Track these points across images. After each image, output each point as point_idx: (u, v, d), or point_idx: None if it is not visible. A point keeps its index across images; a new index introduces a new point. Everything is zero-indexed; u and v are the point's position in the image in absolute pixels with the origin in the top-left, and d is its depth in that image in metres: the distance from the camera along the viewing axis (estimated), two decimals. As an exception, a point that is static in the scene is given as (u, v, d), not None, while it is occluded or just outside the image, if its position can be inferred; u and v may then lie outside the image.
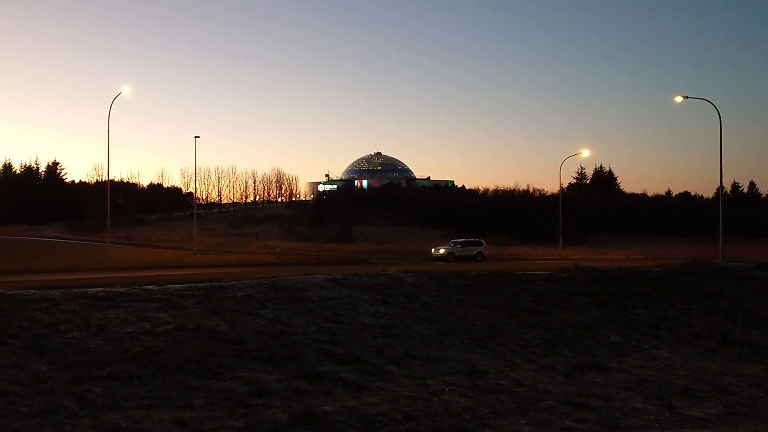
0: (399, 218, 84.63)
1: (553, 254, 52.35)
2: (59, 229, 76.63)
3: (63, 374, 10.40)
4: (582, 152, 62.59)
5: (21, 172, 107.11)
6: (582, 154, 63.07)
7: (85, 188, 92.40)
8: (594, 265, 30.36)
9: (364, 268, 27.15)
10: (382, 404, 10.21)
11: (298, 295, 17.28)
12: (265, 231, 70.54)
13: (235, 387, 10.62)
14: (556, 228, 55.40)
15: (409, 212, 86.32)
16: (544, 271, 27.71)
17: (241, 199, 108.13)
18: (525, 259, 46.67)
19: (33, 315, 13.22)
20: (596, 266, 29.75)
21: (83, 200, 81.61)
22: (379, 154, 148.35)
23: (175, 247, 53.10)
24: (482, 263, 39.08)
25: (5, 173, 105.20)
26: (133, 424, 8.51)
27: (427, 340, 15.73)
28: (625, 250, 60.05)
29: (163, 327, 13.30)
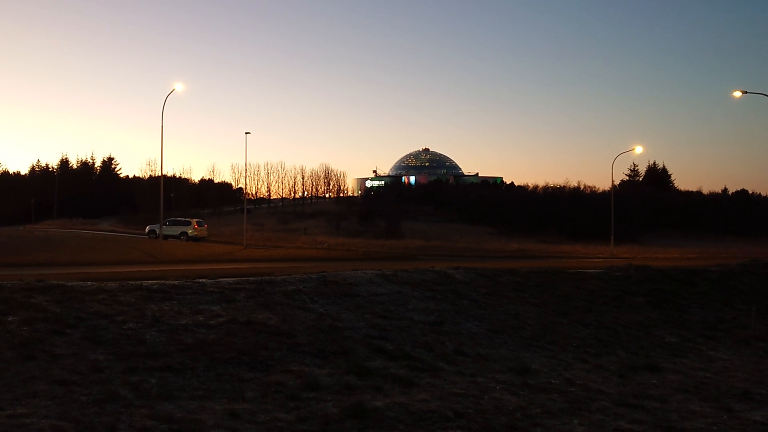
0: (447, 215, 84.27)
1: (604, 252, 51.43)
2: (114, 223, 78.46)
3: (119, 364, 10.60)
4: (635, 149, 61.32)
5: (78, 167, 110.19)
6: (635, 150, 61.79)
7: (139, 183, 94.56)
8: (648, 264, 29.69)
9: (413, 264, 27.12)
10: (433, 401, 10.13)
11: (347, 290, 17.31)
12: (314, 226, 71.01)
13: (286, 380, 10.67)
14: (607, 226, 54.41)
15: (457, 209, 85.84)
16: (596, 270, 27.23)
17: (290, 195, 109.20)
18: (575, 257, 45.99)
19: (91, 306, 13.52)
20: (650, 265, 29.08)
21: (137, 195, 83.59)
22: (426, 150, 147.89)
23: (225, 241, 53.88)
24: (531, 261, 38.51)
25: (62, 168, 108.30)
26: (187, 415, 8.61)
27: (477, 338, 15.59)
28: (679, 249, 58.62)
29: (216, 320, 13.47)
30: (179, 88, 39.51)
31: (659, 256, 48.07)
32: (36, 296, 13.75)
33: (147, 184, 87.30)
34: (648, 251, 55.60)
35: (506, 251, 50.45)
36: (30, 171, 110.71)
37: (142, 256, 35.60)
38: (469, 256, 43.92)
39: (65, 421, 7.95)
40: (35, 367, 10.05)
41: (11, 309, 12.69)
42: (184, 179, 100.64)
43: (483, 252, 48.57)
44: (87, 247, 39.90)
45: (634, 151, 62.85)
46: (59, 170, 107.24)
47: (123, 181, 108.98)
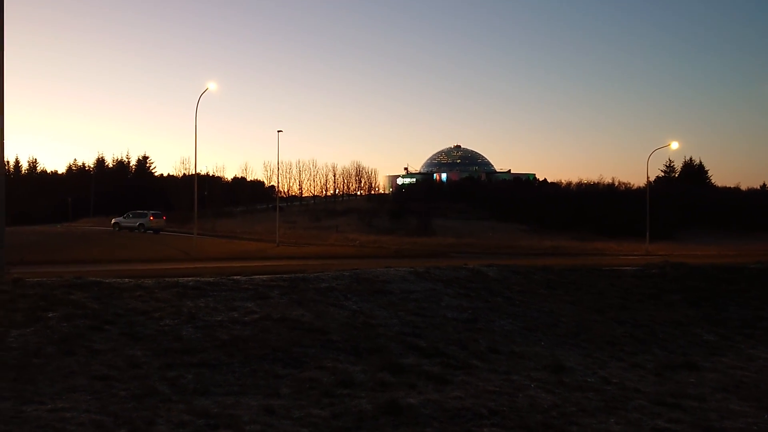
0: (479, 212, 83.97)
1: (639, 250, 50.76)
2: (149, 221, 79.46)
3: (157, 360, 10.74)
4: (671, 144, 60.44)
5: (113, 166, 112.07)
6: (671, 146, 60.88)
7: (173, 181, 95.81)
8: (684, 261, 29.21)
9: (445, 261, 27.04)
10: (467, 398, 10.08)
11: (380, 288, 17.32)
12: (345, 224, 71.29)
13: (320, 377, 10.70)
14: (642, 223, 53.72)
15: (489, 206, 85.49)
16: (631, 267, 26.87)
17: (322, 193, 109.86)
18: (610, 255, 45.48)
19: (128, 303, 13.73)
20: (687, 262, 28.61)
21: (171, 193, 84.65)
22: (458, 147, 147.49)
23: (258, 238, 54.39)
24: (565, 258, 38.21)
25: (98, 167, 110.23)
26: (224, 410, 8.69)
27: (511, 335, 15.49)
28: (717, 246, 57.60)
29: (251, 316, 13.58)
30: (212, 87, 39.96)
31: (696, 254, 47.21)
32: (75, 293, 14.00)
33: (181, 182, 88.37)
34: (684, 248, 54.74)
35: (539, 249, 50.09)
36: (67, 170, 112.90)
37: (176, 253, 36.07)
38: (502, 253, 43.65)
39: (105, 415, 8.08)
40: (75, 363, 10.23)
41: (51, 305, 12.95)
42: (217, 177, 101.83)
43: (516, 249, 48.29)
44: (122, 245, 40.55)
45: (669, 147, 61.93)
46: (95, 169, 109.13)
47: (157, 179, 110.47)
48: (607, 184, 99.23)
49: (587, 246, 54.13)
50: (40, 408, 8.17)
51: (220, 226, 68.17)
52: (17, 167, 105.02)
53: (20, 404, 8.28)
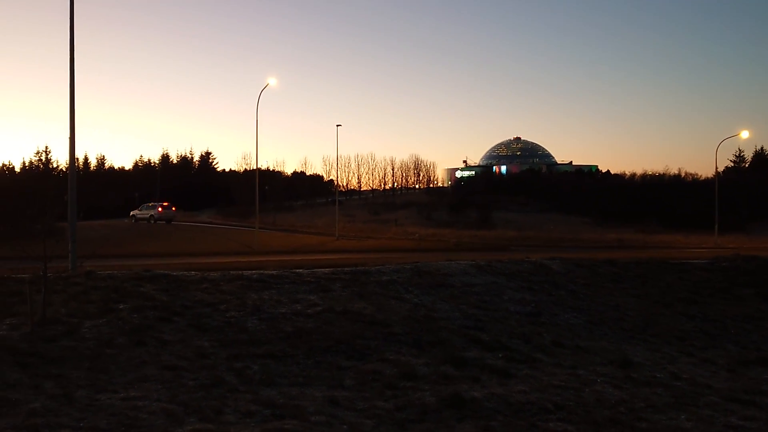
0: (539, 204, 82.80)
1: (707, 242, 49.14)
2: (212, 215, 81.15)
3: (224, 351, 10.96)
4: (740, 133, 58.29)
5: (177, 162, 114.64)
6: (741, 135, 58.67)
7: (235, 176, 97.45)
8: (756, 255, 28.14)
9: (506, 254, 26.76)
10: (531, 392, 9.94)
11: (441, 281, 17.26)
12: (404, 217, 71.30)
13: (383, 369, 10.73)
14: (710, 215, 51.99)
15: (551, 198, 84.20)
16: (699, 260, 26.04)
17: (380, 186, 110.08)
18: (676, 248, 44.17)
19: (195, 295, 14.04)
20: (759, 255, 27.56)
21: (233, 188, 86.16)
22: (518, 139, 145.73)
23: (318, 232, 54.87)
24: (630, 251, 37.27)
25: (163, 163, 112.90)
26: (289, 401, 8.79)
27: (575, 329, 15.23)
28: (792, 239, 55.26)
29: (314, 309, 13.71)
30: (273, 83, 40.40)
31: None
32: (144, 285, 14.40)
33: (242, 177, 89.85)
34: (756, 241, 52.66)
35: (602, 241, 49.04)
36: (133, 166, 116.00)
37: (239, 246, 36.66)
38: (564, 246, 42.93)
39: (175, 404, 8.27)
40: (145, 353, 10.51)
41: (122, 297, 13.35)
42: (277, 172, 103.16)
43: (578, 242, 47.40)
44: (187, 238, 41.46)
45: (739, 136, 59.71)
46: (160, 165, 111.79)
47: (220, 174, 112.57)
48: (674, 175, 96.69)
49: (653, 239, 52.70)
50: (113, 396, 8.43)
51: (281, 220, 69.06)
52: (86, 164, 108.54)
53: (94, 393, 8.56)
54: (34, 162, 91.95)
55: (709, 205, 52.90)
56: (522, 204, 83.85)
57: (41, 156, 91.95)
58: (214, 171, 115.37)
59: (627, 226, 62.56)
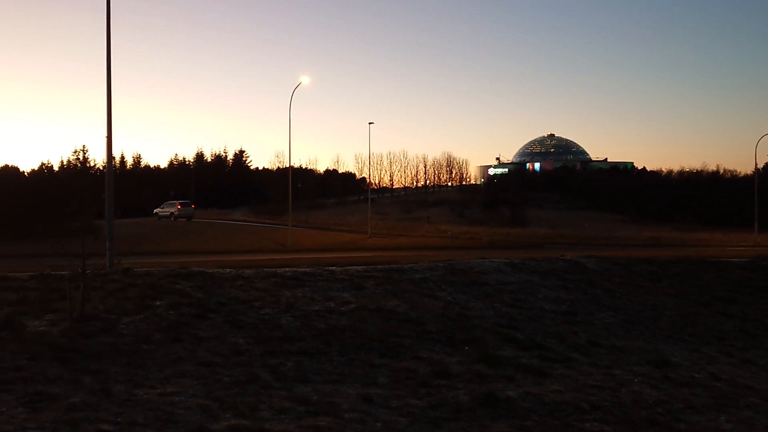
0: (574, 202, 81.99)
1: (747, 241, 48.11)
2: (245, 213, 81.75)
3: (258, 348, 11.03)
4: (782, 129, 56.95)
5: (212, 161, 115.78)
6: (782, 130, 57.36)
7: (268, 174, 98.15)
8: (799, 253, 27.52)
9: (540, 252, 26.54)
10: (567, 392, 9.84)
11: (474, 279, 17.17)
12: (436, 215, 71.12)
13: (416, 367, 10.71)
14: (750, 212, 50.97)
15: (585, 195, 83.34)
16: (739, 259, 25.51)
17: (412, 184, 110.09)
18: (715, 246, 43.30)
19: (230, 292, 14.17)
20: (802, 254, 26.95)
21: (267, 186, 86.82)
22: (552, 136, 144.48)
23: (350, 230, 54.96)
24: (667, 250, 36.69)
25: (198, 162, 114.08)
26: (323, 398, 8.81)
27: (611, 329, 15.03)
28: (834, 237, 53.85)
29: (347, 306, 13.74)
30: (305, 81, 40.58)
31: (811, 245, 44.33)
32: (180, 282, 14.57)
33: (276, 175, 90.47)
34: (798, 239, 51.52)
35: (638, 239, 48.32)
36: (169, 164, 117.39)
37: (272, 244, 36.90)
38: (599, 244, 42.39)
39: (210, 400, 8.35)
40: (181, 349, 10.63)
41: (159, 294, 13.52)
42: (310, 170, 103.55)
43: (613, 240, 46.78)
44: (222, 236, 41.85)
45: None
46: (195, 163, 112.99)
47: (253, 172, 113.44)
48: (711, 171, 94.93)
49: (690, 236, 51.78)
50: (150, 392, 8.53)
51: (313, 217, 69.35)
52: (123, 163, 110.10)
53: (132, 388, 8.68)
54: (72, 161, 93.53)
55: (749, 202, 51.88)
56: (556, 201, 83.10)
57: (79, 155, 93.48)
58: (247, 169, 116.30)
59: (663, 224, 61.69)
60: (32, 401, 7.91)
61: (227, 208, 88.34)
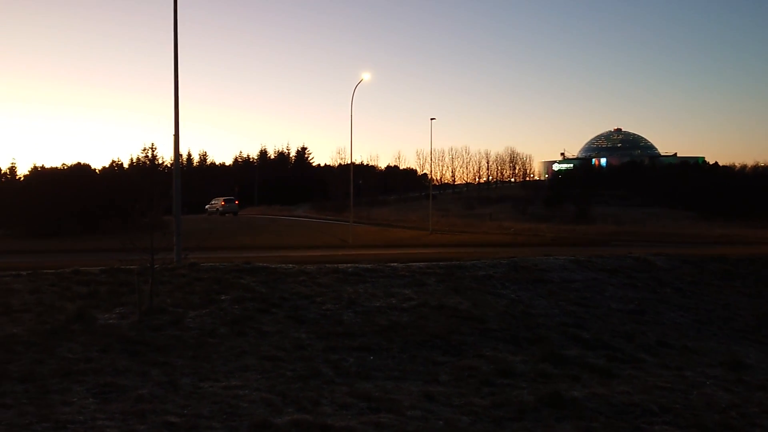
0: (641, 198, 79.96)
1: (828, 238, 45.91)
2: (307, 209, 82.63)
3: (320, 343, 11.09)
4: None
5: (275, 158, 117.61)
6: None
7: (330, 171, 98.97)
8: None
9: (606, 250, 25.86)
10: (635, 393, 9.55)
11: (539, 276, 16.88)
12: (499, 211, 70.42)
13: (479, 365, 10.58)
14: (831, 208, 48.61)
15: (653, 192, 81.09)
16: (820, 257, 24.35)
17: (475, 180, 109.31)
18: (793, 244, 41.47)
19: (292, 287, 14.30)
20: None
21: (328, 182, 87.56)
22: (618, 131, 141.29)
23: (411, 226, 54.83)
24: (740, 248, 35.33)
25: (261, 159, 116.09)
26: (385, 394, 8.77)
27: (682, 329, 14.54)
28: None
29: (408, 303, 13.69)
30: (367, 78, 40.67)
31: None
32: (245, 277, 14.79)
33: (337, 171, 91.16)
34: None
35: (709, 237, 46.66)
36: (234, 162, 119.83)
37: (333, 240, 37.12)
38: (668, 242, 41.08)
39: (274, 394, 8.42)
40: (245, 343, 10.77)
41: (224, 289, 13.76)
42: (371, 166, 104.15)
43: (683, 238, 45.28)
44: (284, 232, 42.36)
45: None
46: (259, 161, 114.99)
47: (315, 169, 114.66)
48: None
49: (765, 234, 49.77)
50: (215, 385, 8.67)
51: (375, 214, 69.49)
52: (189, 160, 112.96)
53: (198, 381, 8.83)
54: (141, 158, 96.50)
55: (829, 198, 49.54)
56: (622, 198, 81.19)
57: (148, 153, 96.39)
58: (309, 166, 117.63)
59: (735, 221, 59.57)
60: (102, 392, 8.14)
61: (290, 205, 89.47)
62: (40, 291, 13.31)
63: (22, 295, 12.92)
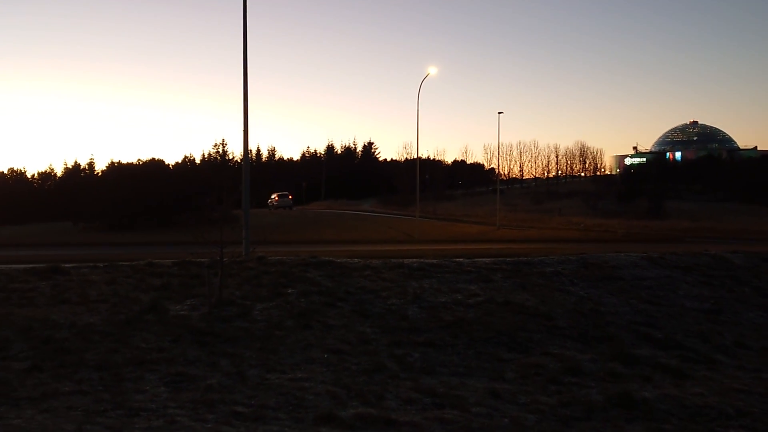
0: (719, 193, 76.99)
1: None
2: (373, 204, 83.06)
3: (385, 337, 11.11)
4: None
5: (341, 152, 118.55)
6: None
7: (396, 166, 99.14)
8: None
9: (681, 246, 25.03)
10: (709, 396, 9.21)
11: (609, 273, 16.45)
12: (568, 206, 69.05)
13: (546, 363, 10.41)
14: None
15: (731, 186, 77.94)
16: None
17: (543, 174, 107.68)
18: None
19: (358, 282, 14.37)
20: None
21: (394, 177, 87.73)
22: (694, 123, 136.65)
23: (478, 221, 54.44)
24: None
25: (328, 154, 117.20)
26: (449, 390, 8.73)
27: (761, 329, 13.92)
28: None
29: (474, 299, 13.57)
30: (433, 72, 40.51)
31: None
32: (311, 271, 14.96)
33: (403, 166, 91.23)
34: None
35: (792, 234, 44.66)
36: (301, 157, 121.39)
37: (399, 235, 37.18)
38: (747, 238, 39.48)
39: (338, 387, 8.49)
40: (311, 336, 10.90)
41: (291, 282, 13.95)
42: (437, 161, 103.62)
43: (763, 234, 43.46)
44: (350, 226, 42.69)
45: None
46: (325, 155, 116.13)
47: (381, 164, 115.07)
48: None
49: None
50: (281, 377, 8.80)
51: (441, 208, 69.28)
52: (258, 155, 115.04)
53: (265, 372, 8.99)
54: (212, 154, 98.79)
55: None
56: (698, 192, 78.44)
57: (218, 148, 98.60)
58: (375, 160, 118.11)
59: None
60: (173, 381, 8.38)
61: (356, 199, 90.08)
62: (116, 282, 13.80)
63: (99, 286, 13.42)
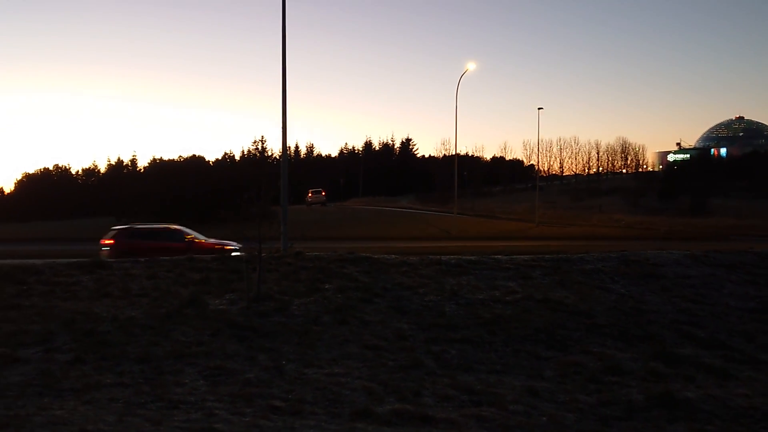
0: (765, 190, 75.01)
1: None
2: (411, 201, 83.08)
3: (422, 334, 11.08)
4: None
5: (379, 149, 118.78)
6: None
7: (434, 162, 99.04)
8: None
9: (725, 245, 24.53)
10: (755, 397, 8.98)
11: (651, 271, 16.15)
12: (609, 203, 68.12)
13: (585, 361, 10.27)
14: None
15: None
16: None
17: (584, 171, 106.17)
18: None
19: (395, 278, 14.36)
20: None
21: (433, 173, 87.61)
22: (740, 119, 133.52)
23: (517, 218, 54.13)
24: None
25: (366, 150, 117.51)
26: (487, 388, 8.67)
27: (810, 330, 13.53)
28: None
29: (512, 296, 13.45)
30: (472, 68, 40.33)
31: None
32: (348, 267, 15.00)
33: (441, 163, 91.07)
34: None
35: (842, 232, 43.40)
36: (339, 153, 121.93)
37: (437, 231, 37.17)
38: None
39: (375, 383, 8.49)
40: (348, 332, 10.92)
41: (328, 278, 14.01)
42: (476, 157, 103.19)
43: (812, 232, 42.36)
44: (388, 223, 42.85)
45: None
46: (363, 152, 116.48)
47: (419, 160, 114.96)
48: None
49: None
50: (319, 372, 8.84)
51: (479, 205, 69.01)
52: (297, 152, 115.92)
53: (302, 367, 9.04)
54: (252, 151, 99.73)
55: None
56: (744, 190, 76.53)
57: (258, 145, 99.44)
58: (413, 157, 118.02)
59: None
60: (212, 375, 8.48)
61: (394, 196, 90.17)
62: (157, 277, 14.03)
63: (140, 281, 13.66)
